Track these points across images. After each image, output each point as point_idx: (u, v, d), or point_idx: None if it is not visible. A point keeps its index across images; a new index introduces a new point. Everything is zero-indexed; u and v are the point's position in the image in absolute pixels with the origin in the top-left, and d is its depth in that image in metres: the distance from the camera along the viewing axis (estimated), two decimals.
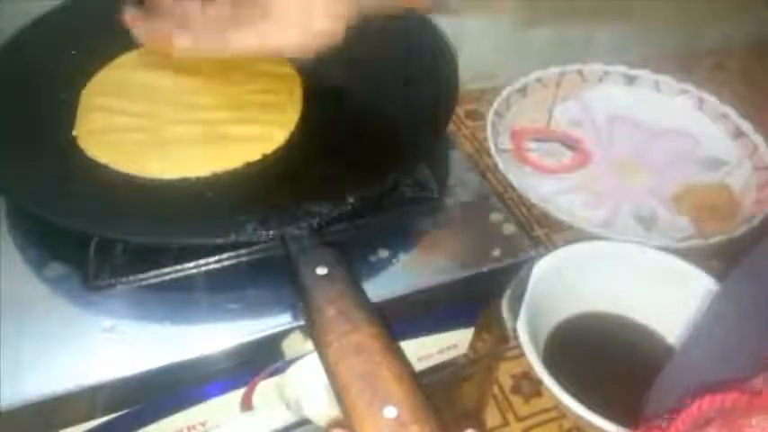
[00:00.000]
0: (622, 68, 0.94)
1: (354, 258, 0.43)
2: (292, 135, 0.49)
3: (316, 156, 0.48)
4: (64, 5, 0.55)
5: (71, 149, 0.46)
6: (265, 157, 0.47)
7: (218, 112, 0.50)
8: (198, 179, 0.45)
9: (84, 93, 0.51)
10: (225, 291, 0.42)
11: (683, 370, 0.49)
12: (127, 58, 0.54)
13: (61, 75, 0.51)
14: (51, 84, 0.50)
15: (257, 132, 0.48)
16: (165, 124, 0.48)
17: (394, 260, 0.45)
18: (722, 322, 0.48)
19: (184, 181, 0.45)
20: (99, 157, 0.46)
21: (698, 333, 0.53)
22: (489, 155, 0.80)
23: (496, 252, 0.46)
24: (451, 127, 0.70)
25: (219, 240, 0.40)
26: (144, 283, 0.42)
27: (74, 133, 0.47)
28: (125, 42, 0.54)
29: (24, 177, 0.44)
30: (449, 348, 0.51)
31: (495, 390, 0.66)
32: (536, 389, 0.66)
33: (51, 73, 0.51)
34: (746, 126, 0.87)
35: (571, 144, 0.89)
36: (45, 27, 0.54)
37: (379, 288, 0.43)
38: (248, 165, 0.46)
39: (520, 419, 0.64)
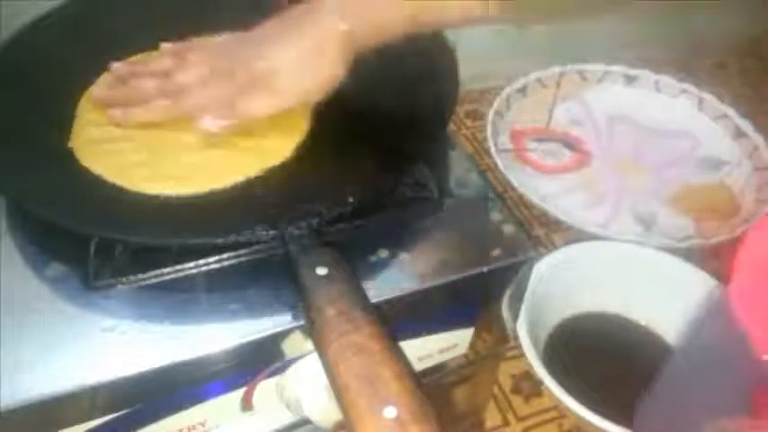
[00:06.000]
0: (622, 68, 0.94)
1: (354, 258, 0.43)
2: None
3: (315, 156, 0.48)
4: (64, 5, 0.55)
5: (71, 153, 0.47)
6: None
7: None
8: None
9: (82, 101, 0.50)
10: (225, 291, 0.42)
11: (676, 380, 0.49)
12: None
13: (61, 75, 0.51)
14: (51, 84, 0.50)
15: (261, 145, 0.47)
16: (162, 135, 0.48)
17: (394, 260, 0.45)
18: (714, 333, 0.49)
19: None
20: (93, 168, 0.46)
21: (692, 341, 0.53)
22: (489, 155, 0.80)
23: (496, 252, 0.46)
24: (451, 127, 0.70)
25: (219, 240, 0.40)
26: (144, 283, 0.42)
27: (69, 145, 0.47)
28: (125, 42, 0.54)
29: (25, 178, 0.44)
30: (449, 348, 0.51)
31: (495, 390, 0.66)
32: (536, 389, 0.66)
33: (51, 73, 0.51)
34: (746, 126, 0.87)
35: (571, 144, 0.89)
36: (45, 27, 0.54)
37: (379, 288, 0.43)
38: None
39: (520, 419, 0.64)
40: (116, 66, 0.52)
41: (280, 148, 0.48)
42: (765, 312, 0.38)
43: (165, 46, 0.53)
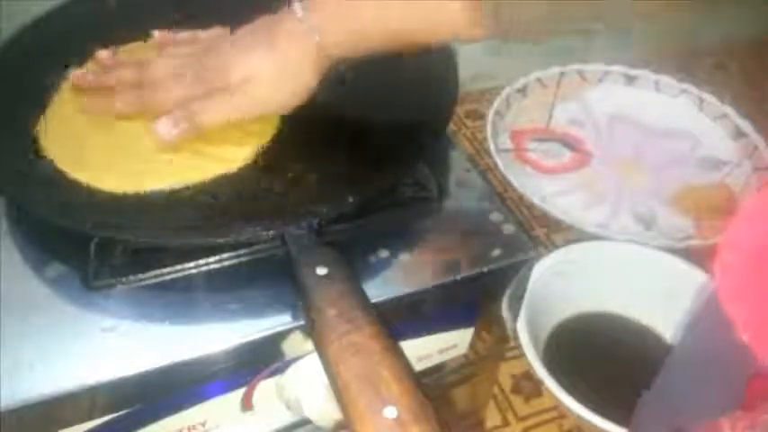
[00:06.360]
0: (622, 68, 0.94)
1: (354, 258, 0.43)
2: (290, 134, 0.49)
3: (316, 156, 0.48)
4: (64, 5, 0.55)
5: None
6: (263, 159, 0.47)
7: None
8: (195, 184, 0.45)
9: (62, 87, 0.50)
10: (225, 291, 0.42)
11: (675, 376, 0.49)
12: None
13: (62, 75, 0.51)
14: (51, 85, 0.50)
15: (213, 150, 0.46)
16: (126, 129, 0.47)
17: (394, 260, 0.45)
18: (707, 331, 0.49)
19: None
20: (51, 157, 0.45)
21: (687, 337, 0.53)
22: (489, 155, 0.80)
23: (496, 252, 0.46)
24: (451, 127, 0.70)
25: (219, 240, 0.40)
26: (144, 283, 0.42)
27: (35, 129, 0.46)
28: (124, 42, 0.54)
29: (25, 178, 0.44)
30: (449, 348, 0.51)
31: (495, 390, 0.66)
32: (536, 389, 0.66)
33: (51, 73, 0.51)
34: (746, 126, 0.87)
35: (571, 144, 0.89)
36: (45, 27, 0.54)
37: (379, 288, 0.43)
38: (246, 167, 0.46)
39: (520, 419, 0.64)
40: (101, 53, 0.51)
41: (234, 156, 0.46)
42: (750, 296, 0.38)
43: (154, 34, 0.52)
